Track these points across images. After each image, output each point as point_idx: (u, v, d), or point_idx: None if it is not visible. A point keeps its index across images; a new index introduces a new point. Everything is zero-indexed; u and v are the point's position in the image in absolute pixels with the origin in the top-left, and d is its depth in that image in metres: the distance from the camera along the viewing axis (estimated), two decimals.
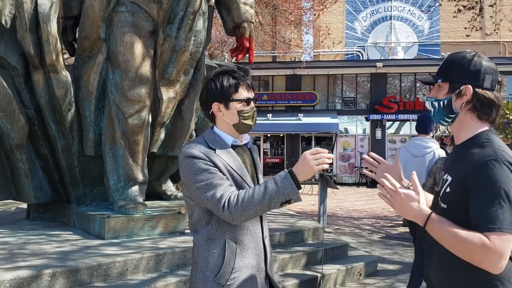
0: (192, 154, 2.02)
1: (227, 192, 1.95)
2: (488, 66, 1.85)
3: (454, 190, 1.80)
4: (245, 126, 2.13)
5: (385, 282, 5.88)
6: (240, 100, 2.10)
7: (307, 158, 1.88)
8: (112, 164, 5.64)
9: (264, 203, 1.88)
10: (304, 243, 6.13)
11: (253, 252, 2.09)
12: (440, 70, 1.94)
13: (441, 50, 26.34)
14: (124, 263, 4.34)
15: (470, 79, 1.85)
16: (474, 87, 1.84)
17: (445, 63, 1.94)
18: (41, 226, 5.76)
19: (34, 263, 4.06)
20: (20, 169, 5.58)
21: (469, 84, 1.85)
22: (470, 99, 1.86)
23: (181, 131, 6.21)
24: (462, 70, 1.87)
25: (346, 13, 27.48)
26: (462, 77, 1.87)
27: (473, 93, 1.85)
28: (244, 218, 1.94)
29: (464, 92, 1.86)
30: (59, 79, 5.37)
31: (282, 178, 1.89)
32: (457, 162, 1.87)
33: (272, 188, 1.88)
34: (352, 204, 14.83)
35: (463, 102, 1.87)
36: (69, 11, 5.94)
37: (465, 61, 1.87)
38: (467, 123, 1.89)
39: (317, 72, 24.81)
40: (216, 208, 1.95)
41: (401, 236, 9.19)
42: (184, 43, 5.76)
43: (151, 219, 5.31)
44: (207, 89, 2.13)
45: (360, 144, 24.59)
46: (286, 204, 1.90)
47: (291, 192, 1.86)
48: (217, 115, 2.13)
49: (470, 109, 1.87)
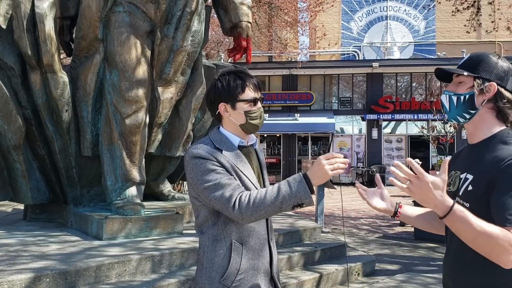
0: (199, 155, 2.00)
1: (237, 191, 1.93)
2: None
3: (479, 188, 1.77)
4: (252, 127, 2.11)
5: (383, 281, 5.89)
6: (247, 101, 2.08)
7: (322, 163, 1.86)
8: (109, 165, 5.63)
9: (276, 205, 1.87)
10: (302, 243, 6.13)
11: (258, 254, 2.08)
12: (466, 64, 1.92)
13: (436, 50, 26.40)
14: (122, 264, 4.33)
15: (496, 77, 1.85)
16: (499, 86, 1.84)
17: (470, 58, 1.93)
18: (38, 227, 5.74)
19: (32, 265, 4.04)
20: (17, 170, 5.56)
21: (494, 82, 1.85)
22: (492, 98, 1.85)
23: (179, 132, 6.20)
24: (490, 67, 1.87)
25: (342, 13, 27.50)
26: (489, 74, 1.86)
27: (497, 92, 1.84)
28: (254, 218, 1.92)
29: (488, 89, 1.85)
30: (56, 80, 5.35)
31: (297, 181, 1.87)
32: (479, 160, 1.84)
33: (286, 190, 1.86)
34: (349, 204, 14.83)
35: (485, 99, 1.86)
36: (66, 11, 5.92)
37: (492, 60, 1.87)
38: (487, 121, 1.88)
39: (314, 72, 24.81)
40: (225, 207, 1.93)
41: (399, 236, 9.20)
42: (181, 43, 5.75)
43: (149, 220, 5.29)
44: (214, 89, 2.12)
45: (357, 144, 24.61)
46: (297, 207, 1.88)
47: (304, 196, 1.85)
48: (223, 115, 2.12)
49: (491, 108, 1.86)
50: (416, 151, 23.99)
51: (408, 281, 5.89)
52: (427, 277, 6.05)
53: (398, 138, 24.38)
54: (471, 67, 1.89)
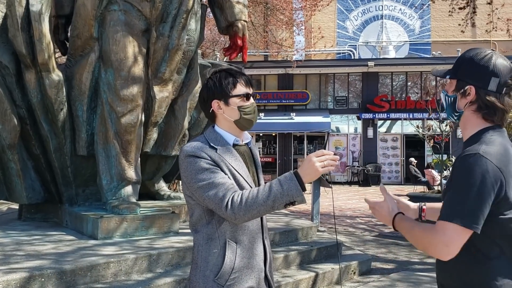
0: (193, 153, 2.00)
1: (230, 191, 1.93)
2: (498, 68, 1.79)
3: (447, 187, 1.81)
4: (247, 122, 2.11)
5: (379, 280, 5.89)
6: (239, 96, 2.09)
7: (312, 160, 1.87)
8: (105, 164, 5.61)
9: (268, 204, 1.87)
10: (298, 242, 6.13)
11: (253, 252, 2.08)
12: (453, 67, 1.92)
13: (432, 49, 26.44)
14: (118, 263, 4.31)
15: (475, 79, 1.81)
16: (478, 89, 1.81)
17: (457, 59, 1.92)
18: (33, 227, 5.71)
19: (26, 265, 4.02)
20: (11, 169, 5.53)
21: (473, 85, 1.82)
22: (474, 100, 1.83)
23: (174, 131, 6.19)
24: (470, 69, 1.83)
25: (338, 12, 27.51)
26: (468, 76, 1.83)
27: (477, 95, 1.82)
28: (247, 218, 1.92)
29: (469, 92, 1.83)
30: (51, 79, 5.32)
31: (287, 179, 1.87)
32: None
33: (277, 189, 1.86)
34: (345, 203, 14.85)
35: (467, 102, 1.84)
36: (61, 10, 5.90)
37: (475, 60, 1.82)
38: (471, 122, 1.87)
39: (309, 71, 24.81)
40: (218, 207, 1.93)
41: (395, 235, 9.21)
42: (177, 42, 5.73)
43: (144, 219, 5.28)
44: (206, 88, 2.13)
45: (352, 143, 24.63)
46: (290, 205, 1.89)
47: (295, 193, 1.85)
48: (217, 113, 2.12)
49: (475, 110, 1.84)
50: (412, 150, 24.05)
51: (403, 280, 5.90)
52: (423, 276, 6.06)
53: (394, 137, 24.42)
54: (454, 68, 1.90)
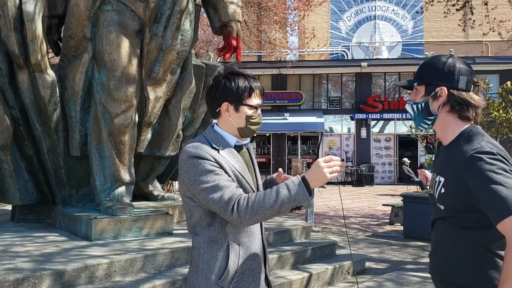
0: (197, 154, 1.97)
1: (236, 194, 1.91)
2: (462, 68, 1.88)
3: (449, 189, 1.81)
4: (250, 131, 2.11)
5: (373, 280, 5.91)
6: (251, 106, 2.07)
7: (321, 166, 1.87)
8: (98, 165, 5.59)
9: (275, 208, 1.86)
10: (292, 242, 6.13)
11: (255, 254, 2.07)
12: (417, 74, 1.98)
13: (424, 49, 26.53)
14: (111, 264, 4.30)
15: (444, 80, 1.88)
16: (449, 89, 1.88)
17: (420, 67, 1.98)
18: (27, 228, 5.68)
19: (20, 266, 4.00)
20: (4, 170, 5.50)
21: (443, 86, 1.88)
22: (446, 101, 1.89)
23: (168, 131, 6.17)
24: (437, 72, 1.90)
25: (331, 13, 27.55)
26: (437, 79, 1.90)
27: (448, 94, 1.88)
28: (252, 222, 1.91)
29: (440, 93, 1.89)
30: (44, 79, 5.29)
31: (295, 185, 1.86)
32: (447, 161, 1.89)
33: (284, 194, 1.85)
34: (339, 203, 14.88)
35: (440, 104, 1.90)
36: (54, 10, 5.87)
37: (440, 63, 1.90)
38: (450, 123, 1.92)
39: (303, 72, 24.85)
40: (223, 210, 1.91)
41: (388, 235, 9.25)
42: (171, 42, 5.72)
43: (138, 220, 5.26)
44: (220, 87, 2.07)
45: (346, 143, 24.70)
46: (296, 210, 1.88)
47: (303, 198, 1.85)
48: (223, 114, 2.08)
49: (449, 110, 1.90)
50: (405, 150, 24.15)
51: (395, 279, 5.91)
52: (414, 276, 6.07)
53: (387, 137, 24.52)
54: (420, 75, 1.95)
